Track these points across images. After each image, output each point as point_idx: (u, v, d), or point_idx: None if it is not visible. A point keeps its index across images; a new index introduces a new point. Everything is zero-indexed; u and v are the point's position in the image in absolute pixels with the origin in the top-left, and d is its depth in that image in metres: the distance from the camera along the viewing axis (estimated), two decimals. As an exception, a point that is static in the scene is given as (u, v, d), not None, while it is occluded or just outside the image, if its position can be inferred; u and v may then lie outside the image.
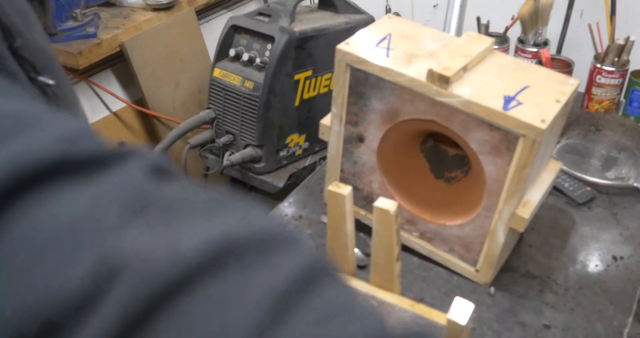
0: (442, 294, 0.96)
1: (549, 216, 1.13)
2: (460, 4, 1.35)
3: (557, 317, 0.92)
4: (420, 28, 0.97)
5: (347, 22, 1.55)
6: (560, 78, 0.87)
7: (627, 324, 0.91)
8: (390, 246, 0.81)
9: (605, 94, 1.42)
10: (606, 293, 0.96)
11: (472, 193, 0.93)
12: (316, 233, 1.09)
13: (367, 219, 1.07)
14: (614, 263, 1.03)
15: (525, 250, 1.05)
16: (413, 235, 1.02)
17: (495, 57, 0.91)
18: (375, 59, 0.88)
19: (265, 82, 1.43)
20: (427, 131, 0.96)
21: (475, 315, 0.92)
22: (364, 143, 0.98)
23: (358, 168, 1.02)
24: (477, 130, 0.83)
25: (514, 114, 0.78)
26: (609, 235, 1.09)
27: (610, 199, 1.17)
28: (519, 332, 0.89)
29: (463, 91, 0.82)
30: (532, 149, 0.79)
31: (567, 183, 1.19)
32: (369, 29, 0.96)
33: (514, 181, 0.84)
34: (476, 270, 0.96)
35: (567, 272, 1.01)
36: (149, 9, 1.76)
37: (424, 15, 2.06)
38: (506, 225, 0.89)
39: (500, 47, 1.52)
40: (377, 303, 0.84)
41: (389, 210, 0.77)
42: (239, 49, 1.51)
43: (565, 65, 1.48)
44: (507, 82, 0.84)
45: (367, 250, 1.04)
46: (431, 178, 1.03)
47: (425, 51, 0.91)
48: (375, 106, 0.92)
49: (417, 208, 1.00)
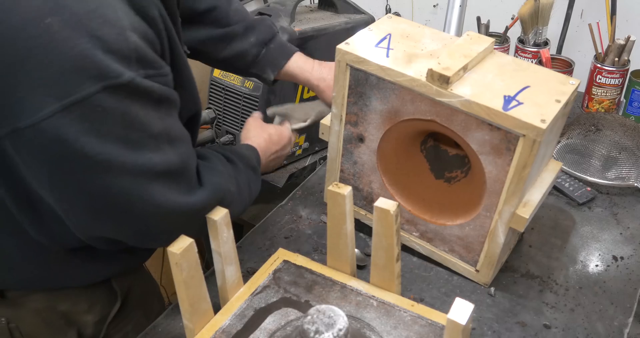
0: (442, 294, 0.96)
1: (549, 216, 1.13)
2: (460, 4, 1.35)
3: (557, 317, 0.92)
4: (420, 28, 0.97)
5: (347, 22, 1.55)
6: (561, 78, 0.87)
7: (627, 324, 0.91)
8: (390, 246, 0.81)
9: (605, 94, 1.42)
10: (606, 293, 0.96)
11: (472, 193, 0.93)
12: (316, 233, 1.09)
13: (367, 219, 1.07)
14: (615, 263, 1.03)
15: (525, 250, 1.05)
16: (413, 235, 1.02)
17: (495, 57, 0.91)
18: (375, 59, 0.88)
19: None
20: (427, 131, 0.96)
21: (475, 315, 0.92)
22: (364, 143, 0.98)
23: (358, 168, 1.02)
24: (477, 130, 0.83)
25: (514, 114, 0.78)
26: (610, 235, 1.08)
27: (610, 200, 1.17)
28: (519, 332, 0.89)
29: (463, 91, 0.82)
30: (532, 149, 0.79)
31: (567, 183, 1.19)
32: (369, 29, 0.96)
33: (514, 181, 0.84)
34: (476, 270, 0.96)
35: (568, 272, 1.01)
36: (149, 8, 1.75)
37: (424, 15, 2.05)
38: (506, 225, 0.89)
39: (500, 47, 1.52)
40: (377, 303, 0.84)
41: (389, 210, 0.77)
42: (239, 49, 1.50)
43: (566, 65, 1.48)
44: (507, 82, 0.84)
45: (367, 250, 1.04)
46: (431, 178, 1.03)
47: (425, 51, 0.91)
48: (375, 106, 0.92)
49: (417, 208, 1.00)
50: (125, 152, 0.67)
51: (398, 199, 1.00)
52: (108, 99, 0.64)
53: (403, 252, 1.02)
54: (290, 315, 0.82)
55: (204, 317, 0.81)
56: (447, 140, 1.01)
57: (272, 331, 0.80)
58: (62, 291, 0.94)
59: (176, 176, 0.74)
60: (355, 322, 0.80)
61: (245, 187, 0.91)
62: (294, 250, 0.98)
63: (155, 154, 0.70)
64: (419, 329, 0.80)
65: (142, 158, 0.69)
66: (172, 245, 0.73)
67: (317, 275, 0.89)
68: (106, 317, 1.00)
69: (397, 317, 0.82)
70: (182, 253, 0.73)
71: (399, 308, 0.83)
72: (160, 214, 0.74)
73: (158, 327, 0.91)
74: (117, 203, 0.71)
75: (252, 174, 0.95)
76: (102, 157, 0.66)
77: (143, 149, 0.69)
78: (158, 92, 0.70)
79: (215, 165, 0.85)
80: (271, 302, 0.85)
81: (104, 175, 0.68)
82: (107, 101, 0.64)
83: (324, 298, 0.85)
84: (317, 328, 0.68)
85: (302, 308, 0.83)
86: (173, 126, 0.75)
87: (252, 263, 1.02)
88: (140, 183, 0.70)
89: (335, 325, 0.69)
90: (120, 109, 0.65)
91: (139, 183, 0.70)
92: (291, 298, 0.85)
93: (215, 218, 0.78)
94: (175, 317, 0.93)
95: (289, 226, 1.11)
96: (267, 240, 1.08)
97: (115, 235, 0.78)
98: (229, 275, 0.84)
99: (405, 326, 0.80)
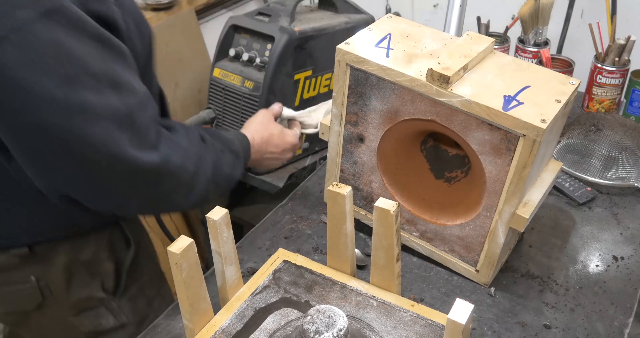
0: (442, 294, 0.96)
1: (549, 216, 1.13)
2: (460, 4, 1.35)
3: (558, 317, 0.92)
4: (420, 28, 0.97)
5: (347, 22, 1.55)
6: (561, 78, 0.87)
7: (627, 324, 0.91)
8: (390, 246, 0.81)
9: (605, 94, 1.42)
10: (607, 294, 0.96)
11: (472, 193, 0.93)
12: (316, 233, 1.09)
13: (367, 219, 1.07)
14: (615, 263, 1.02)
15: (525, 250, 1.05)
16: (413, 235, 1.02)
17: (495, 57, 0.91)
18: (375, 58, 0.88)
19: (265, 82, 1.43)
20: (427, 131, 0.96)
21: (475, 315, 0.92)
22: (364, 143, 0.98)
23: (358, 168, 1.02)
24: (477, 130, 0.83)
25: (514, 114, 0.78)
26: (610, 235, 1.08)
27: (610, 200, 1.17)
28: (519, 332, 0.89)
29: (463, 91, 0.82)
30: (533, 149, 0.79)
31: (567, 183, 1.19)
32: (369, 29, 0.96)
33: (514, 181, 0.84)
34: (476, 270, 0.96)
35: (568, 272, 1.01)
36: (149, 8, 1.76)
37: (424, 15, 2.06)
38: (506, 225, 0.89)
39: (500, 47, 1.52)
40: (377, 303, 0.84)
41: (389, 210, 0.77)
42: (238, 49, 1.50)
43: (566, 65, 1.47)
44: (507, 82, 0.84)
45: (367, 250, 1.04)
46: (431, 178, 1.03)
47: (425, 51, 0.91)
48: (375, 106, 0.92)
49: (417, 208, 1.00)
50: (59, 87, 0.67)
51: (398, 199, 1.00)
52: (41, 29, 0.65)
53: (403, 252, 1.02)
54: (290, 315, 0.82)
55: (203, 317, 0.81)
56: (447, 140, 1.01)
57: (272, 331, 0.80)
58: (84, 239, 0.98)
59: (122, 125, 0.73)
60: (355, 322, 0.80)
61: (214, 168, 0.90)
62: (294, 250, 0.98)
63: (94, 95, 0.70)
64: (419, 329, 0.80)
65: (77, 96, 0.69)
66: (172, 245, 0.73)
67: (317, 275, 0.89)
68: (123, 264, 1.05)
69: (397, 317, 0.82)
70: (182, 253, 0.72)
71: (399, 308, 0.83)
72: (103, 160, 0.73)
73: (158, 327, 0.91)
74: (55, 142, 0.71)
75: (230, 157, 0.95)
76: (36, 90, 0.66)
77: (79, 86, 0.69)
78: (96, 30, 0.70)
79: (178, 139, 0.85)
80: (271, 302, 0.85)
81: (38, 110, 0.68)
82: (41, 30, 0.65)
83: (324, 298, 0.85)
84: (317, 329, 0.68)
85: (302, 308, 0.83)
86: (120, 73, 0.74)
87: (252, 263, 1.02)
88: (77, 122, 0.70)
89: (335, 325, 0.69)
90: (54, 40, 0.66)
91: (75, 122, 0.70)
92: (291, 298, 0.85)
93: (215, 218, 0.78)
94: (175, 317, 0.93)
95: (289, 226, 1.11)
96: (267, 240, 1.08)
97: (63, 185, 0.78)
98: (229, 275, 0.84)
99: (405, 326, 0.80)
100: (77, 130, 0.70)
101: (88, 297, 1.02)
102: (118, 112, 0.72)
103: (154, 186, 0.80)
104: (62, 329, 1.04)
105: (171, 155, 0.81)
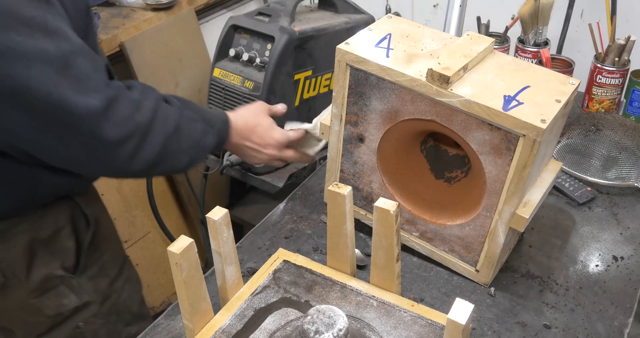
0: (442, 294, 0.96)
1: (549, 216, 1.13)
2: (460, 4, 1.35)
3: (558, 317, 0.92)
4: (420, 28, 0.97)
5: (347, 22, 1.55)
6: (561, 78, 0.87)
7: (627, 324, 0.91)
8: (390, 246, 0.81)
9: (605, 94, 1.42)
10: (607, 294, 0.96)
11: (472, 193, 0.93)
12: (316, 233, 1.09)
13: (367, 219, 1.07)
14: (615, 263, 1.02)
15: (525, 250, 1.05)
16: (413, 235, 1.02)
17: (495, 57, 0.91)
18: (376, 58, 0.88)
19: (265, 82, 1.43)
20: (427, 131, 0.96)
21: (475, 315, 0.92)
22: (364, 143, 0.98)
23: (358, 168, 1.02)
24: (477, 130, 0.83)
25: (514, 114, 0.78)
26: (610, 235, 1.08)
27: (610, 200, 1.17)
28: (519, 332, 0.89)
29: (463, 91, 0.82)
30: (533, 149, 0.79)
31: (567, 183, 1.19)
32: (369, 29, 0.96)
33: (514, 181, 0.84)
34: (476, 270, 0.96)
35: (568, 272, 1.01)
36: (149, 8, 1.76)
37: (424, 15, 2.06)
38: (506, 225, 0.89)
39: (500, 47, 1.52)
40: (377, 303, 0.84)
41: (389, 210, 0.77)
42: (238, 49, 1.50)
43: (566, 65, 1.47)
44: (507, 82, 0.84)
45: (367, 250, 1.04)
46: (431, 178, 1.03)
47: (425, 51, 0.91)
48: (375, 106, 0.92)
49: (417, 208, 1.00)
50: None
51: (398, 199, 1.00)
52: None
53: (403, 252, 1.02)
54: (290, 315, 0.82)
55: (203, 317, 0.81)
56: (447, 140, 1.01)
57: (272, 331, 0.80)
58: (43, 218, 0.98)
59: (58, 69, 0.75)
60: (355, 322, 0.80)
61: (176, 128, 0.89)
62: (294, 250, 0.98)
63: (26, 39, 0.72)
64: (419, 329, 0.80)
65: (7, 40, 0.71)
66: (172, 245, 0.73)
67: (317, 275, 0.89)
68: (83, 243, 1.05)
69: (397, 317, 0.82)
70: (182, 253, 0.72)
71: (399, 308, 0.83)
72: (43, 104, 0.75)
73: (158, 327, 0.91)
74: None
75: (201, 125, 0.95)
76: None
77: (10, 30, 0.72)
78: None
79: (130, 92, 0.85)
80: (271, 302, 0.85)
81: None
82: None
83: (324, 298, 0.85)
84: (317, 328, 0.68)
85: (302, 308, 0.83)
86: (52, 21, 0.76)
87: (252, 263, 1.02)
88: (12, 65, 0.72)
89: (335, 325, 0.69)
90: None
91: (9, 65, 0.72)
92: (291, 298, 0.85)
93: (215, 218, 0.78)
94: (175, 317, 0.93)
95: (289, 226, 1.11)
96: (267, 240, 1.08)
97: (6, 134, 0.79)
98: (229, 275, 0.84)
99: (405, 326, 0.80)
100: (13, 72, 0.72)
101: (48, 275, 1.01)
102: (53, 56, 0.74)
103: (97, 134, 0.79)
104: (25, 313, 1.03)
105: (116, 104, 0.80)
